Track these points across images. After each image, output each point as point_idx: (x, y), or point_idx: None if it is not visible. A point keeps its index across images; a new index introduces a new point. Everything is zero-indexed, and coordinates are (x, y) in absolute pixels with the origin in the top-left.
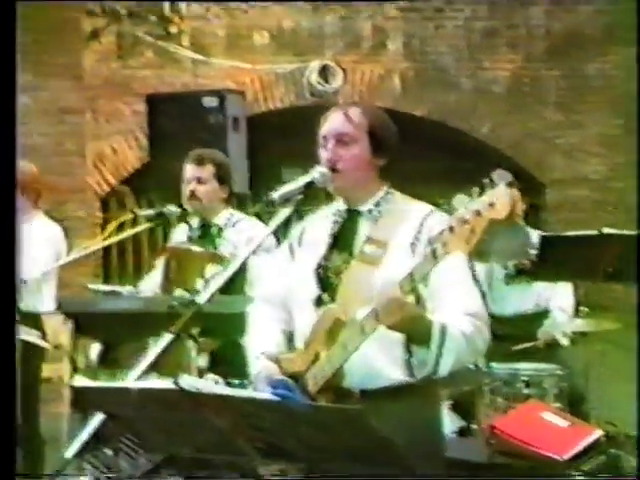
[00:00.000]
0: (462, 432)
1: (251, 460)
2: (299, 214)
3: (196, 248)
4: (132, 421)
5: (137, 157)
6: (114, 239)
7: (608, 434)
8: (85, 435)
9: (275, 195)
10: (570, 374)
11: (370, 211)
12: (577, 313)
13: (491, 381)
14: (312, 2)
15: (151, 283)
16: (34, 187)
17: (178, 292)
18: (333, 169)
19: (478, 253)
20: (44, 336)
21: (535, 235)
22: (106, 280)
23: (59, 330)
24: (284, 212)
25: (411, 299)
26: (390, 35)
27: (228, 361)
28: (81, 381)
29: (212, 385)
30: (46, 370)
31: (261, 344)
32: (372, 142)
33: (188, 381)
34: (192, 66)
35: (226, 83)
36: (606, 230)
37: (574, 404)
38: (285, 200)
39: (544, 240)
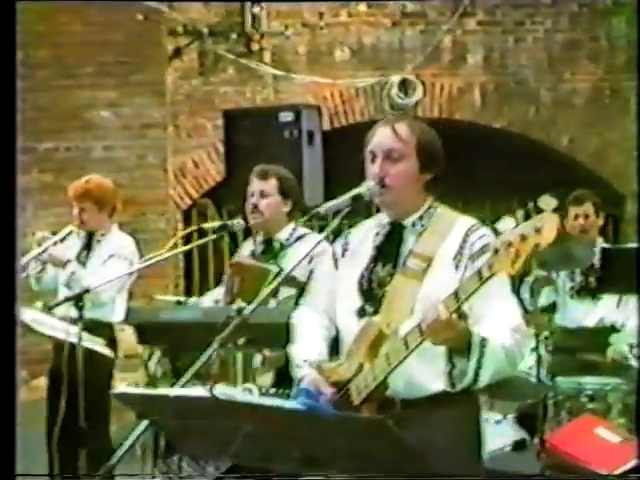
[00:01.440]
0: (519, 445)
1: (291, 468)
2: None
3: (259, 264)
4: (173, 428)
5: (218, 170)
6: (178, 250)
7: None
8: (130, 442)
9: (322, 208)
10: (635, 389)
11: (414, 224)
12: None
13: (555, 395)
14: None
15: (215, 296)
16: (111, 201)
17: (237, 304)
18: (381, 184)
19: (541, 263)
20: (114, 345)
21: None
22: (187, 292)
23: (132, 340)
24: (332, 225)
25: (454, 315)
26: (470, 48)
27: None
28: (121, 388)
29: (245, 394)
30: (119, 379)
31: (304, 351)
32: (420, 158)
33: (222, 390)
34: (273, 82)
35: (306, 98)
36: None
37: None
38: (332, 213)
39: (605, 252)
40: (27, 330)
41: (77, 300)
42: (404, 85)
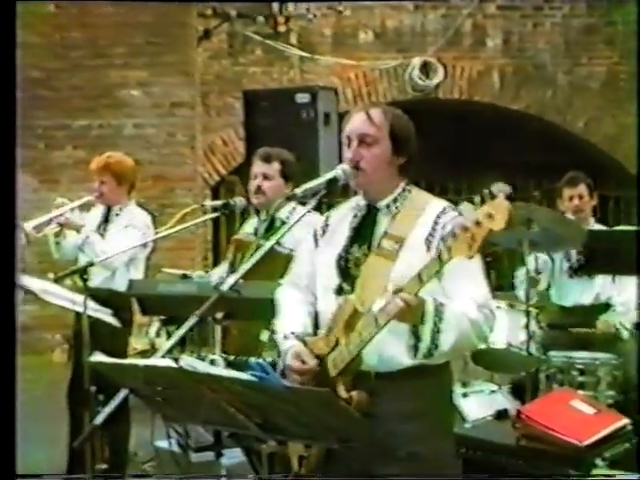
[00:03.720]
0: (500, 415)
1: (254, 433)
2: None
3: (258, 240)
4: (147, 395)
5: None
6: (179, 227)
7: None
8: (112, 407)
9: (298, 191)
10: (624, 363)
11: (388, 207)
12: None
13: (547, 368)
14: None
15: (221, 271)
16: (130, 177)
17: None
18: (356, 167)
19: (533, 244)
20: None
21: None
22: (215, 264)
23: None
24: (306, 207)
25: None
26: (490, 32)
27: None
28: (97, 357)
29: (207, 365)
30: (141, 344)
31: (290, 325)
32: (393, 142)
33: (187, 361)
34: (299, 63)
35: (331, 79)
36: None
37: (627, 392)
38: (307, 196)
39: (592, 234)
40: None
41: (82, 272)
42: (425, 67)
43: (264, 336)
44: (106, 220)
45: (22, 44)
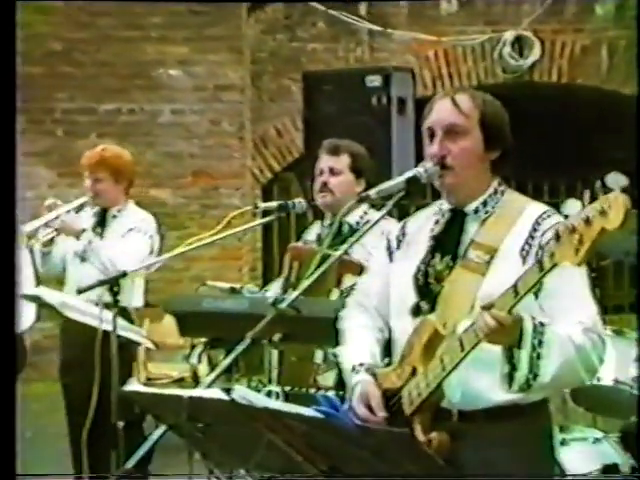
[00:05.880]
0: (609, 470)
1: None
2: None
3: (320, 249)
4: (191, 433)
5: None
6: (225, 233)
7: None
8: (147, 446)
9: (372, 192)
10: None
11: (476, 211)
12: None
13: None
14: None
15: (277, 286)
16: (128, 174)
17: (290, 294)
18: (441, 164)
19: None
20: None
21: None
22: (264, 276)
23: (172, 330)
24: (380, 212)
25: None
26: None
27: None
28: (133, 385)
29: (263, 398)
30: (177, 370)
31: (357, 355)
32: (484, 133)
33: (240, 392)
34: (369, 39)
35: (406, 58)
36: None
37: None
38: (383, 198)
39: None
40: (57, 314)
41: (112, 284)
42: (519, 43)
43: (318, 357)
44: (102, 223)
45: (41, 9)
